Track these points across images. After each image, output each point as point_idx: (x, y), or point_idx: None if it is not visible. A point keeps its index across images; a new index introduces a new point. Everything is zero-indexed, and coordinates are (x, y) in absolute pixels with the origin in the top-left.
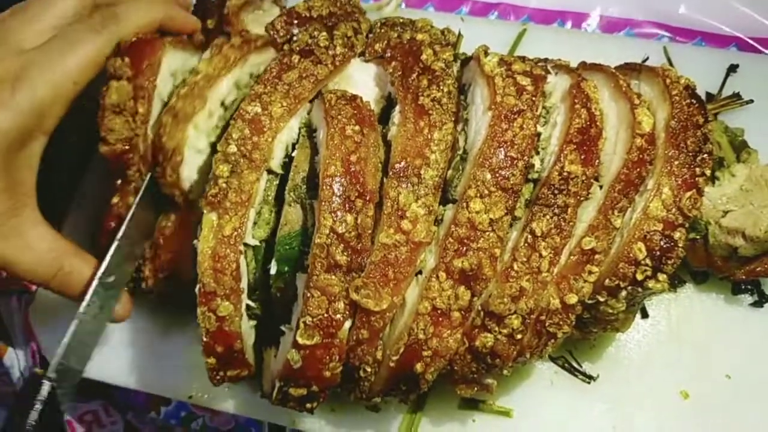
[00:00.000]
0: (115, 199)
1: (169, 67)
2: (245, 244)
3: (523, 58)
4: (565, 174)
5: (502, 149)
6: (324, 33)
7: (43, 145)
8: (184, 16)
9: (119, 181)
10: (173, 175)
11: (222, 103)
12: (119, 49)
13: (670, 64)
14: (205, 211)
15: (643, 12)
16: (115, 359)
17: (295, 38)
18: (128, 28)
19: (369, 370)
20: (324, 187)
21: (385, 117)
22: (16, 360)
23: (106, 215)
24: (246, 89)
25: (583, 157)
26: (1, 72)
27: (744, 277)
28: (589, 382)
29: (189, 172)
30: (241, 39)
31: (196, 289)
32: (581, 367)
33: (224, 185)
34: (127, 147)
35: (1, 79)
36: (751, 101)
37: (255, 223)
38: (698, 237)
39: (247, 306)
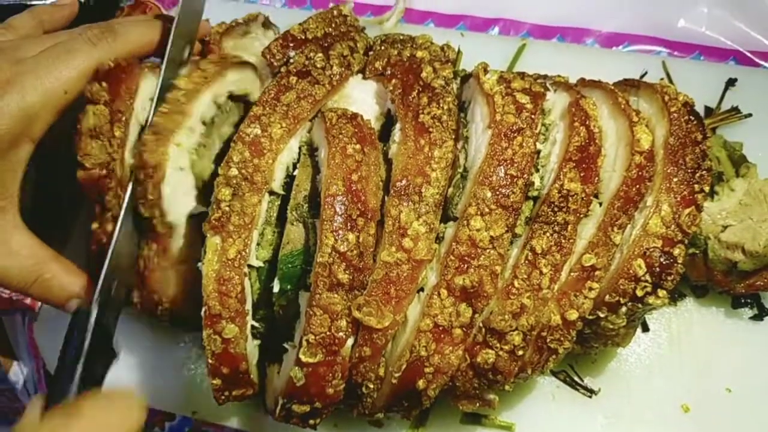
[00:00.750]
0: (94, 225)
1: (147, 91)
2: (249, 266)
3: (522, 75)
4: (564, 192)
5: (502, 167)
6: (320, 54)
7: (29, 152)
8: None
9: (98, 208)
10: (154, 192)
11: (203, 121)
12: (97, 75)
13: (669, 78)
14: (208, 235)
15: (641, 27)
16: (120, 374)
17: (291, 60)
18: (125, 44)
19: (371, 386)
20: (326, 207)
21: (385, 134)
22: (21, 375)
23: (90, 241)
24: (226, 107)
25: (582, 174)
26: None
27: (744, 291)
28: (590, 396)
29: (170, 190)
30: (219, 55)
31: (202, 312)
32: (583, 381)
33: (227, 208)
34: (104, 172)
35: None
36: (750, 115)
37: (258, 244)
38: (698, 252)
39: (252, 326)
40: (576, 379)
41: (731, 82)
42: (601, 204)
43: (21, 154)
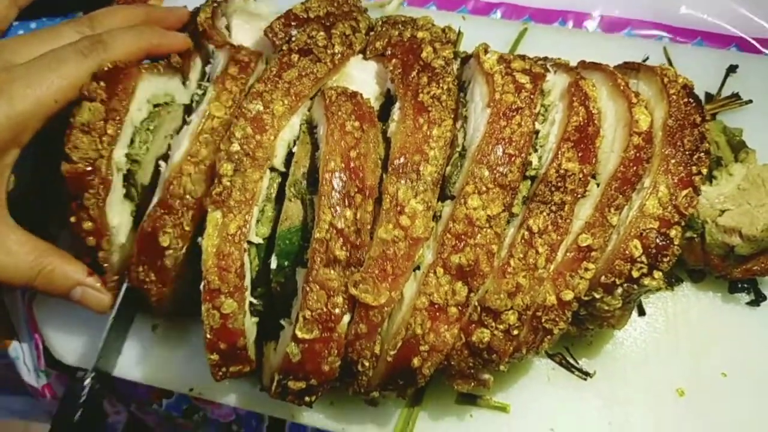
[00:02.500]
0: (72, 219)
1: (144, 93)
2: (249, 242)
3: (523, 57)
4: (562, 171)
5: (500, 146)
6: (322, 32)
7: (15, 157)
8: (169, 43)
9: (74, 205)
10: (192, 226)
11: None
12: (95, 76)
13: (670, 64)
14: (209, 210)
15: (643, 12)
16: (118, 352)
17: (293, 39)
18: (114, 55)
19: (367, 364)
20: (324, 183)
21: (385, 114)
22: (20, 351)
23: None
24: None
25: (580, 154)
26: None
27: (741, 276)
28: (585, 379)
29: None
30: (238, 66)
31: (201, 286)
32: (578, 363)
33: (228, 184)
34: (89, 168)
35: None
36: (750, 101)
37: (258, 221)
38: (695, 236)
39: (250, 303)
40: (571, 361)
41: (732, 69)
42: (598, 185)
43: (7, 160)
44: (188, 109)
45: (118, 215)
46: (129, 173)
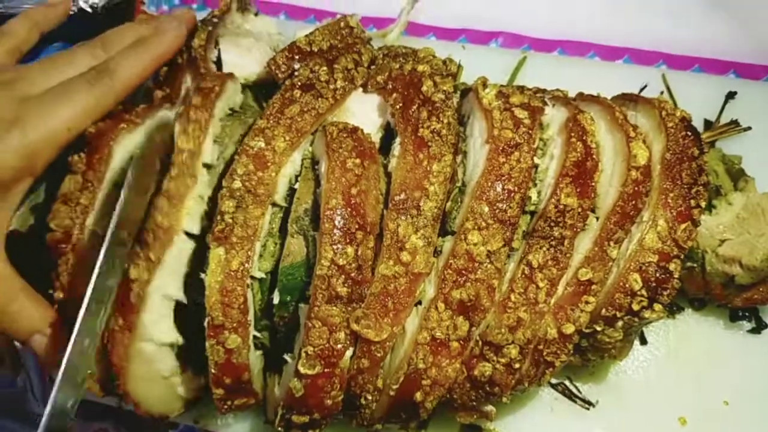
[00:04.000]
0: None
1: (124, 153)
2: (252, 277)
3: (522, 89)
4: (561, 207)
5: (499, 182)
6: (324, 67)
7: (27, 185)
8: (172, 50)
9: (53, 274)
10: (156, 254)
11: (205, 165)
12: (82, 139)
13: (669, 91)
14: (212, 246)
15: (642, 40)
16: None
17: (296, 73)
18: (121, 81)
19: (370, 398)
20: (325, 220)
21: (386, 146)
22: (29, 381)
23: None
24: (229, 141)
25: (578, 189)
26: (1, 114)
27: (741, 304)
28: (588, 408)
29: (171, 258)
30: (200, 95)
31: (205, 323)
32: (581, 393)
33: (230, 220)
34: (63, 235)
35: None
36: (749, 128)
37: (261, 256)
38: (695, 265)
39: (254, 336)
40: (574, 391)
41: (731, 95)
42: (597, 218)
43: (19, 189)
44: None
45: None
46: None
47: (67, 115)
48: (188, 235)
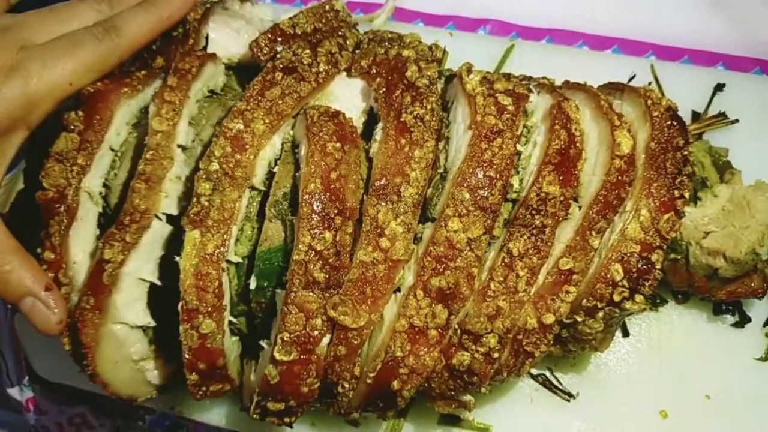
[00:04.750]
0: (38, 249)
1: (123, 117)
2: (228, 261)
3: (507, 76)
4: (543, 195)
5: (480, 169)
6: (307, 50)
7: (23, 138)
8: (179, 11)
9: (42, 232)
10: (133, 238)
11: (182, 147)
12: (78, 100)
13: (657, 82)
14: (187, 229)
15: (631, 30)
16: None
17: (278, 55)
18: (127, 39)
19: (347, 386)
20: (303, 204)
21: (368, 131)
22: (4, 365)
23: None
24: (206, 123)
25: (561, 178)
26: (1, 60)
27: (725, 297)
28: (569, 400)
29: (147, 241)
30: (177, 76)
31: (179, 306)
32: (561, 384)
33: (206, 203)
34: (57, 195)
35: None
36: (737, 121)
37: (237, 240)
38: (679, 257)
39: (230, 322)
40: (555, 382)
41: (719, 87)
42: (580, 207)
43: (15, 140)
44: None
45: (83, 252)
46: (106, 206)
47: (71, 68)
48: (166, 216)
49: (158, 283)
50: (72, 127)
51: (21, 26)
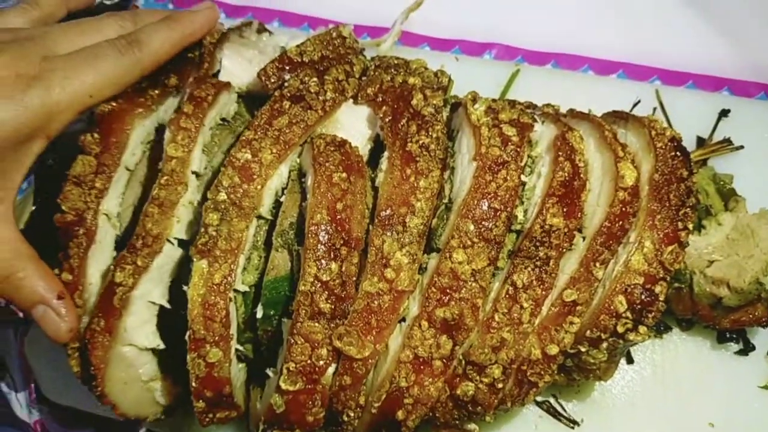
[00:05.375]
0: (56, 270)
1: (138, 137)
2: (235, 290)
3: (513, 103)
4: (547, 227)
5: (485, 201)
6: (315, 78)
7: (41, 147)
8: (201, 28)
9: (61, 255)
10: (146, 263)
11: (196, 174)
12: (94, 120)
13: (662, 107)
14: (195, 259)
15: (636, 55)
16: None
17: (286, 84)
18: (149, 54)
19: (352, 414)
20: (310, 235)
21: (374, 158)
22: (12, 388)
23: None
24: (218, 150)
25: (565, 210)
26: (23, 68)
27: (729, 326)
28: (573, 427)
29: (157, 265)
30: (193, 103)
31: (186, 336)
32: (565, 411)
33: (214, 233)
34: (76, 218)
35: (20, 75)
36: (742, 147)
37: (244, 269)
38: (683, 286)
39: (237, 349)
40: (559, 409)
41: (724, 113)
42: (584, 238)
43: (33, 149)
44: None
45: (98, 272)
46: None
47: (92, 81)
48: (178, 241)
49: (168, 306)
50: (89, 149)
51: (45, 37)
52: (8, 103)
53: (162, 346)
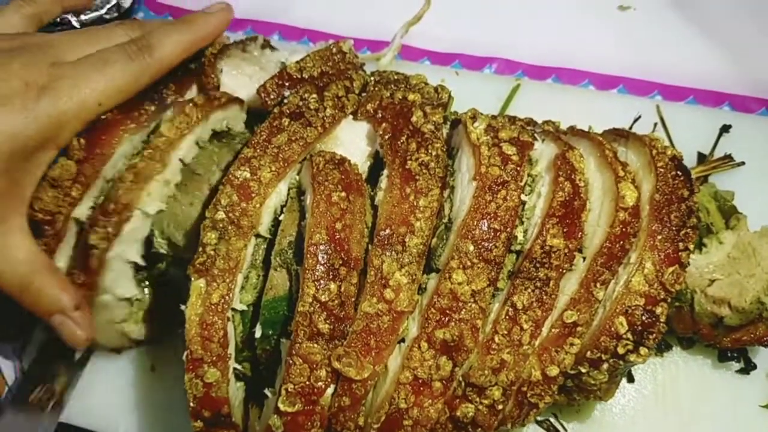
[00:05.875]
0: None
1: (123, 152)
2: (233, 309)
3: (513, 120)
4: (547, 248)
5: (485, 221)
6: (314, 95)
7: (52, 157)
8: (212, 33)
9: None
10: (116, 230)
11: (182, 161)
12: (85, 128)
13: (663, 122)
14: (193, 278)
15: (637, 70)
16: (99, 408)
17: (285, 101)
18: (160, 59)
19: None
20: (308, 256)
21: (374, 175)
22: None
23: None
24: (206, 146)
25: (565, 230)
26: (32, 78)
27: (730, 345)
28: None
29: (127, 230)
30: (204, 97)
31: (184, 356)
32: (566, 430)
33: (212, 252)
34: (48, 218)
35: (29, 84)
36: (743, 163)
37: (243, 288)
38: (684, 305)
39: (235, 368)
40: (559, 428)
41: (725, 129)
42: (584, 258)
43: (44, 159)
44: None
45: (64, 263)
46: None
47: (101, 88)
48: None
49: (143, 263)
50: (72, 154)
51: (52, 45)
52: (19, 114)
53: (139, 295)
